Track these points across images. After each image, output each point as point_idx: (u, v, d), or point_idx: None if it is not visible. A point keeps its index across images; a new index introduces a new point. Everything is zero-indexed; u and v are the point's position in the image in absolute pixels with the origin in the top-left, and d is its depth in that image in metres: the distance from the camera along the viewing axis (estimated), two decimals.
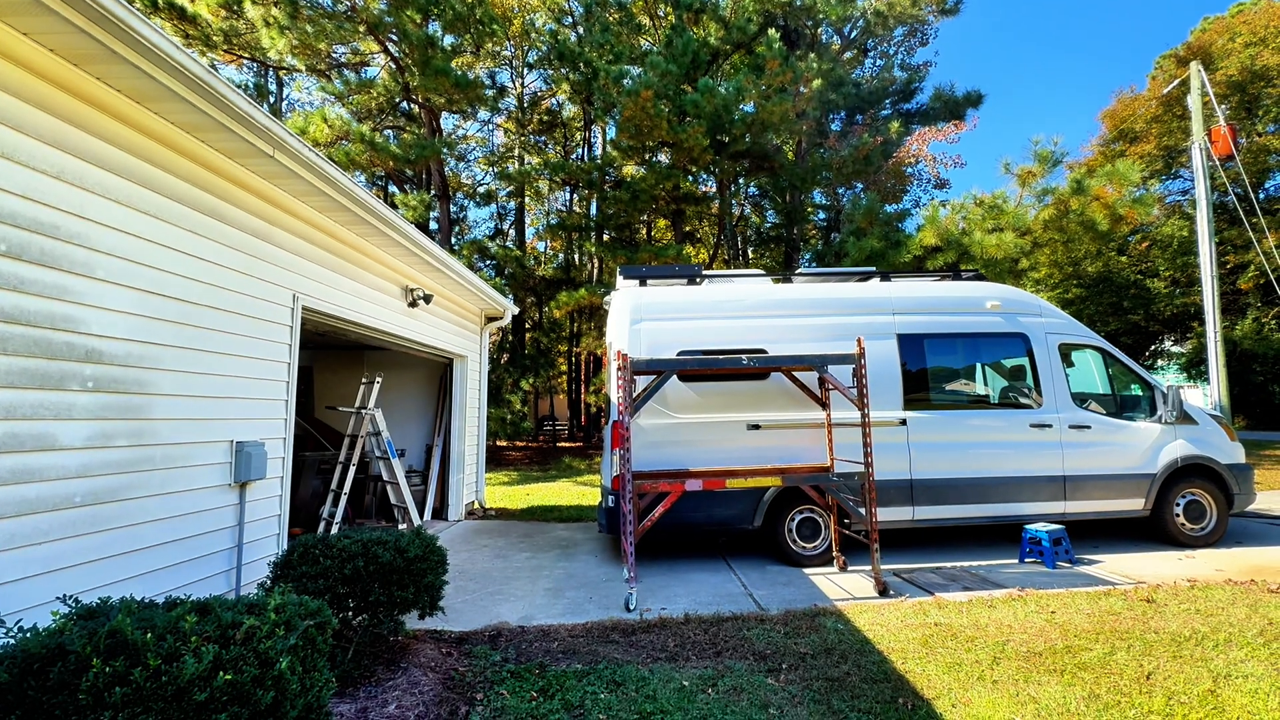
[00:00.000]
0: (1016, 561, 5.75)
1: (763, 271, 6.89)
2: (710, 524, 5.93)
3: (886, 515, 5.75)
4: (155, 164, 3.33)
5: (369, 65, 16.83)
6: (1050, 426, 6.02)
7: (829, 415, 5.81)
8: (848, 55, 19.87)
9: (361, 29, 12.85)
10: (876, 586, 4.92)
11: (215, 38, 14.01)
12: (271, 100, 24.49)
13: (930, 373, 6.17)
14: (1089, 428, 6.07)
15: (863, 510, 5.12)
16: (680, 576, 5.62)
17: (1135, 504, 6.06)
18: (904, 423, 5.95)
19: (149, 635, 1.77)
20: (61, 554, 2.78)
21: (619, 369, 4.93)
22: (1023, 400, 6.18)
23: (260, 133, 3.56)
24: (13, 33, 2.58)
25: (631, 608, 4.69)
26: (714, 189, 20.73)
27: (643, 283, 6.35)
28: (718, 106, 14.79)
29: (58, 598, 2.43)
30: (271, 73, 22.41)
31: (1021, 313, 6.27)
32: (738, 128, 15.64)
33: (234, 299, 3.94)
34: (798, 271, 6.42)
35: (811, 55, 15.16)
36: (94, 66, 2.88)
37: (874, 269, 6.59)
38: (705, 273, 6.48)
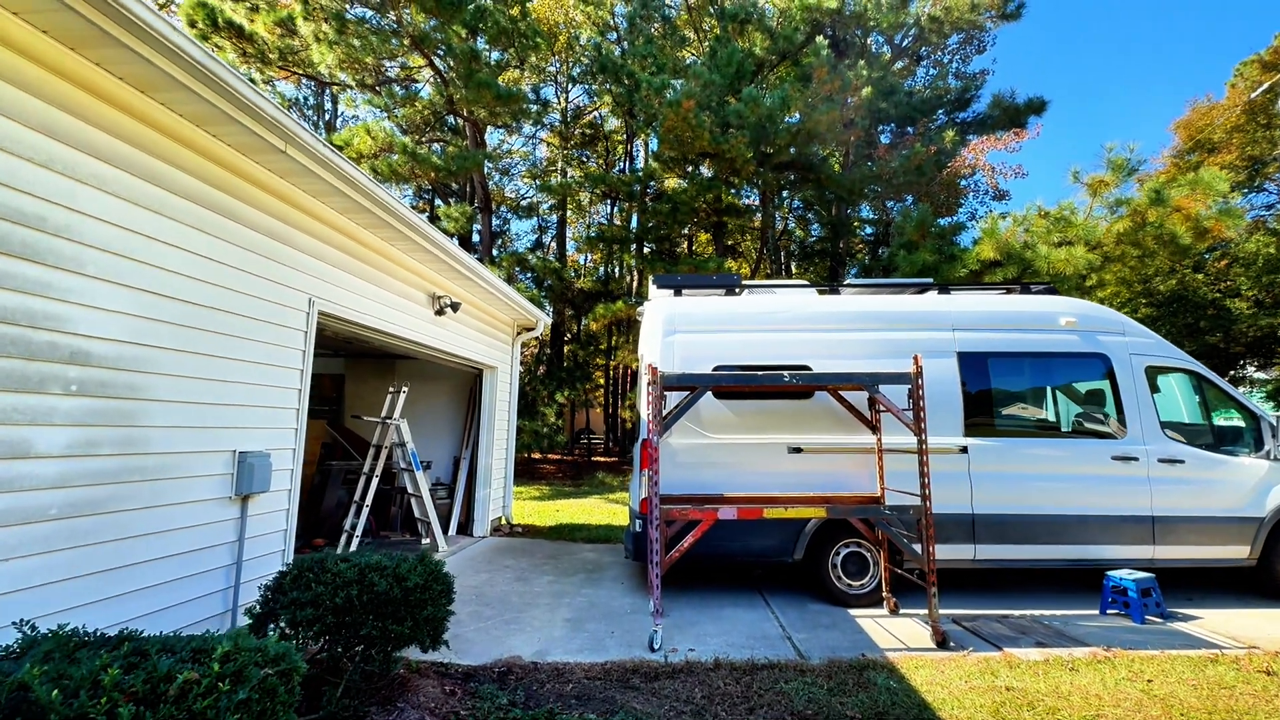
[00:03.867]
0: (1097, 613, 5.05)
1: (807, 282, 6.40)
2: (746, 555, 5.45)
3: (945, 553, 5.15)
4: (160, 157, 3.16)
5: (416, 81, 17.14)
6: (1136, 460, 5.32)
7: (879, 440, 5.28)
8: (899, 65, 19.20)
9: (406, 42, 13.03)
10: (934, 636, 4.35)
11: (271, 55, 14.47)
12: (326, 117, 25.42)
13: (995, 395, 5.56)
14: (1182, 462, 5.34)
15: (918, 547, 4.57)
16: (711, 611, 5.15)
17: (1238, 552, 5.28)
18: (965, 450, 5.35)
19: (55, 694, 1.47)
20: (29, 572, 2.56)
21: (649, 383, 4.55)
22: (1102, 429, 5.50)
23: (270, 125, 3.36)
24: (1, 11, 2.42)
25: (656, 647, 4.26)
26: (756, 201, 20.28)
27: (677, 293, 5.97)
28: (762, 116, 14.41)
29: (13, 623, 2.19)
30: (327, 92, 23.23)
31: (1101, 330, 5.61)
32: (782, 138, 15.20)
33: (243, 301, 3.74)
34: (845, 282, 5.93)
35: (861, 63, 14.63)
36: (90, 51, 2.71)
37: (931, 280, 6.02)
38: (745, 283, 6.06)
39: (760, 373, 4.65)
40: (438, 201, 23.14)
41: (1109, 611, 5.01)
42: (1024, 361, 5.62)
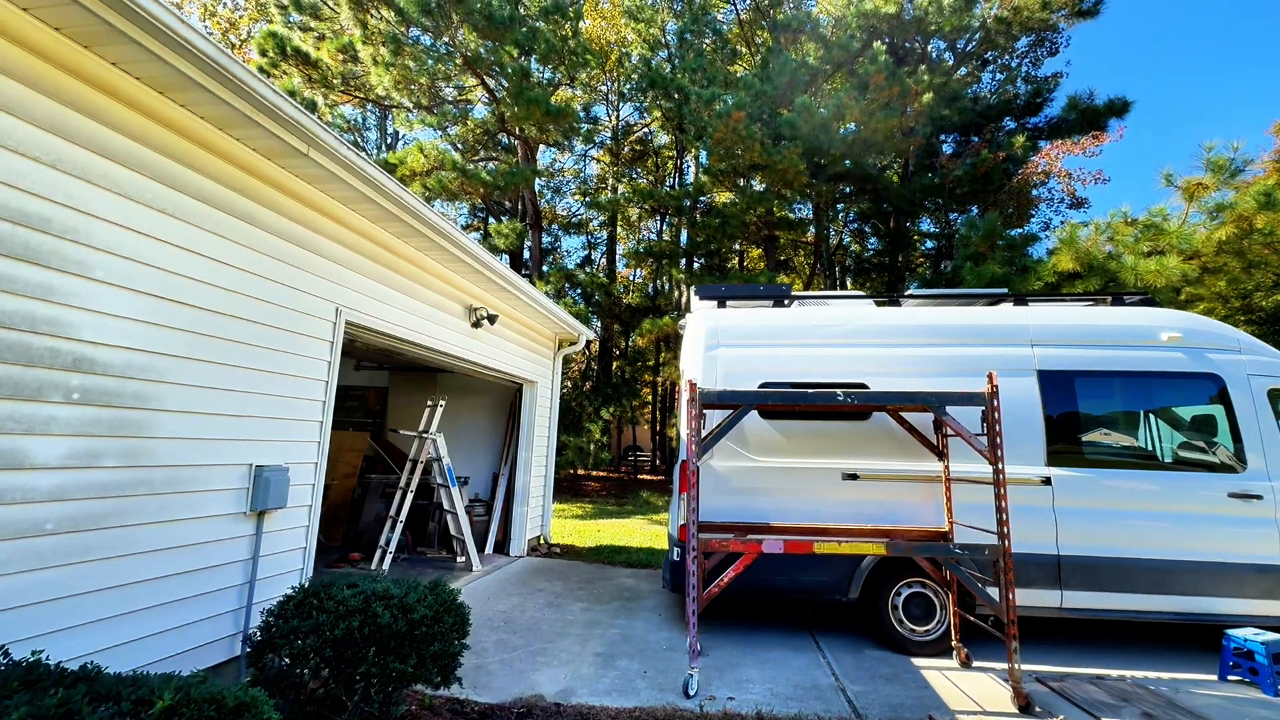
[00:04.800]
0: (1214, 678, 4.30)
1: (863, 293, 5.92)
2: (794, 591, 4.96)
3: (1026, 599, 4.52)
4: (177, 159, 3.07)
5: (469, 102, 17.54)
6: (1260, 499, 4.55)
7: (946, 467, 4.73)
8: (961, 71, 18.32)
9: (459, 62, 13.30)
10: (1016, 700, 3.75)
11: (334, 80, 15.10)
12: (388, 141, 26.47)
13: (1083, 420, 4.91)
14: None
15: (994, 592, 4.00)
16: (755, 652, 4.69)
17: None
18: (1048, 482, 4.72)
19: None
20: (20, 590, 2.42)
21: (689, 401, 4.20)
22: (1216, 461, 4.75)
23: (291, 127, 3.24)
24: (9, 6, 2.35)
25: (691, 693, 3.84)
26: (810, 215, 19.66)
27: (721, 304, 5.60)
28: (816, 126, 13.93)
29: None
30: (390, 117, 24.19)
31: (1212, 347, 4.88)
32: (837, 148, 14.65)
33: (264, 309, 3.63)
34: (907, 293, 5.42)
35: (922, 68, 13.96)
36: (103, 49, 2.63)
37: (1005, 290, 5.43)
38: (795, 294, 5.63)
39: (811, 391, 4.21)
40: (491, 220, 23.60)
41: (1230, 678, 4.26)
42: (1118, 382, 4.94)
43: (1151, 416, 5.02)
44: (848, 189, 17.29)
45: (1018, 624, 3.94)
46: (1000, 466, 3.97)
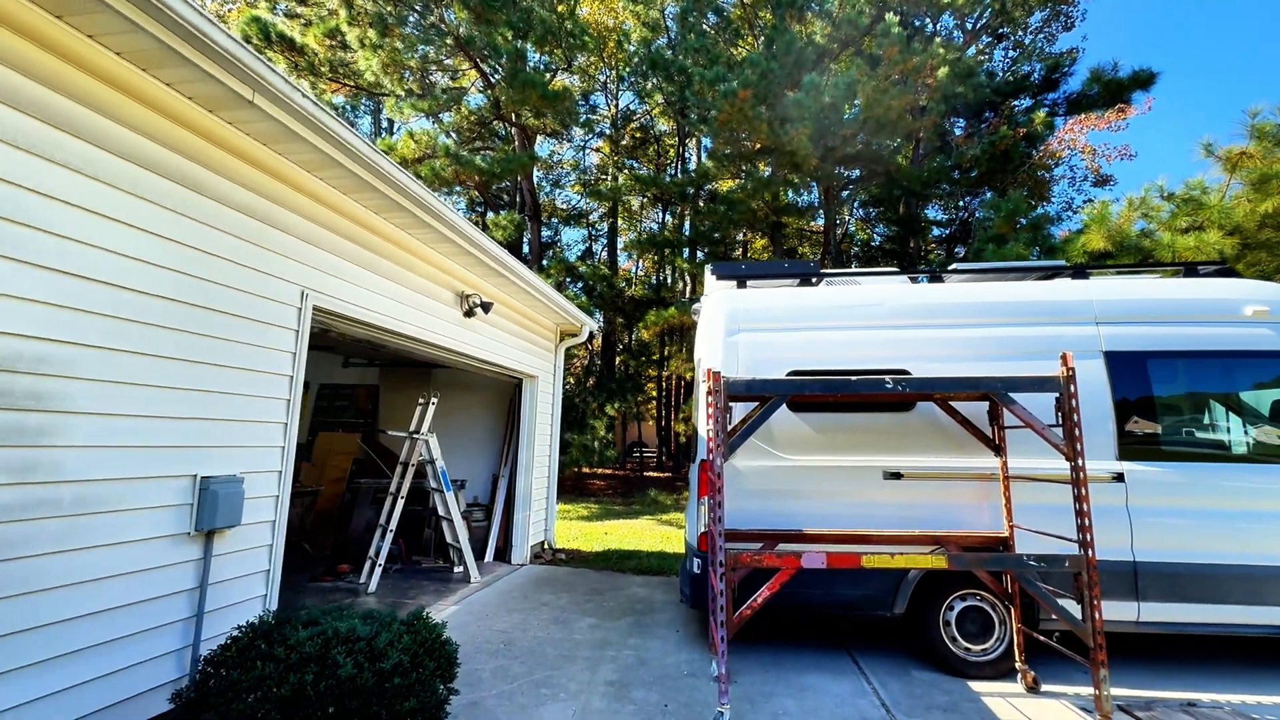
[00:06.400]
0: None
1: (897, 269, 5.32)
2: (831, 606, 4.39)
3: None
4: (88, 104, 2.49)
5: (462, 88, 16.91)
6: None
7: (1004, 463, 4.14)
8: (971, 51, 17.64)
9: (450, 42, 12.67)
10: None
11: (322, 68, 14.49)
12: (382, 133, 25.86)
13: (1159, 406, 4.31)
14: None
15: (1073, 608, 3.42)
16: (789, 678, 4.11)
17: None
18: (1120, 478, 4.13)
19: None
20: None
21: (709, 392, 3.61)
22: None
23: (228, 64, 2.65)
24: None
25: None
26: (817, 202, 19.03)
27: (741, 284, 5.00)
28: (824, 106, 13.29)
29: None
30: (384, 111, 23.57)
31: None
32: (848, 128, 14.00)
33: (210, 291, 3.05)
34: (951, 268, 4.84)
35: (937, 40, 13.31)
36: None
37: (1062, 263, 4.84)
38: (825, 272, 5.03)
39: (854, 379, 3.62)
40: (489, 214, 23.00)
41: None
42: (1197, 363, 4.34)
43: (1237, 401, 4.41)
44: (858, 172, 16.63)
45: (1104, 644, 3.36)
46: (1081, 463, 3.39)
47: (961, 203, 20.13)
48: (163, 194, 2.82)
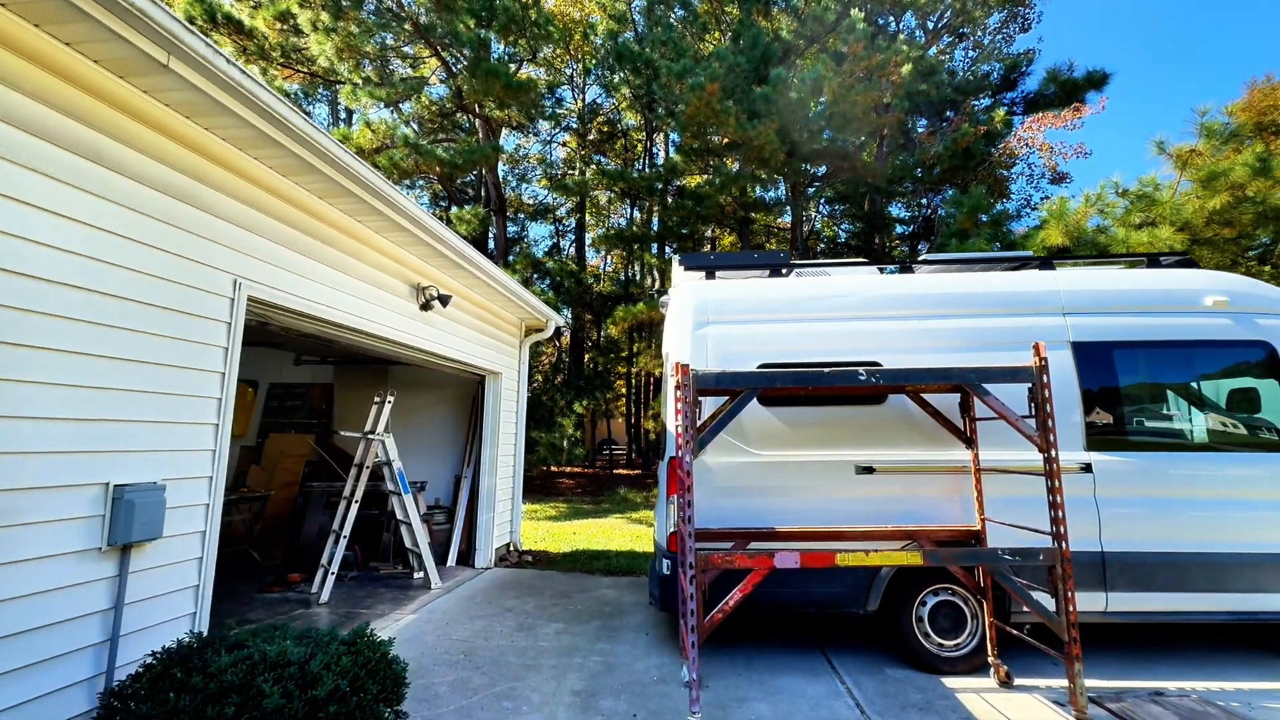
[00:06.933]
0: None
1: (867, 260, 5.25)
2: (805, 605, 4.28)
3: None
4: None
5: (423, 78, 16.39)
6: None
7: (976, 456, 4.09)
8: (932, 50, 17.92)
9: (409, 28, 12.22)
10: None
11: (273, 52, 13.83)
12: (340, 124, 24.98)
13: (1124, 396, 4.32)
14: None
15: (1045, 600, 3.38)
16: (762, 679, 3.99)
17: None
18: (1088, 468, 4.12)
19: None
20: None
21: (677, 386, 3.45)
22: (1275, 439, 4.22)
23: (129, 16, 2.35)
24: None
25: None
26: (784, 197, 19.11)
27: (710, 275, 4.86)
28: (791, 101, 13.29)
29: None
30: (342, 103, 22.77)
31: (1262, 311, 4.34)
32: (814, 123, 14.04)
33: (124, 278, 2.74)
34: (920, 258, 4.77)
35: (901, 37, 13.43)
36: None
37: (1029, 254, 4.83)
38: (795, 263, 4.92)
39: (828, 370, 3.50)
40: (453, 209, 22.46)
41: None
42: (1161, 353, 4.36)
43: (1199, 391, 4.46)
44: (824, 168, 16.73)
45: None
46: (1054, 454, 3.34)
47: (924, 200, 20.51)
48: (65, 168, 2.50)
